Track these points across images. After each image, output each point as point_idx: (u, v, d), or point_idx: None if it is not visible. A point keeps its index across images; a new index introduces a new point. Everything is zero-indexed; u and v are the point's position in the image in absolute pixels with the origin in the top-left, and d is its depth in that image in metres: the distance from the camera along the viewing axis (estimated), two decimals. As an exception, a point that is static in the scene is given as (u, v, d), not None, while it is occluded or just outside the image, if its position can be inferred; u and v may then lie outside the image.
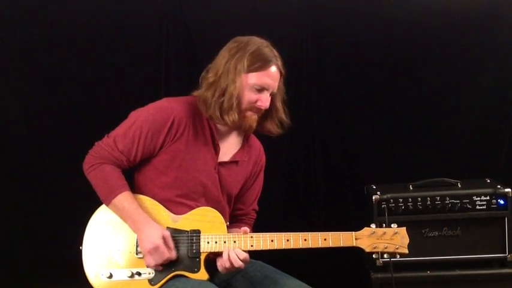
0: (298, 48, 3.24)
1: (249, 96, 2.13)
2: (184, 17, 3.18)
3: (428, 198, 2.76)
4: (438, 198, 2.76)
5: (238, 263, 2.08)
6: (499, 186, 2.77)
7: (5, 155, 3.17)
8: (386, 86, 3.25)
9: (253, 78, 2.12)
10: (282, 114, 2.26)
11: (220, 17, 3.12)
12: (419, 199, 2.77)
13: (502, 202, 2.74)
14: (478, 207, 2.75)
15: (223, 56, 2.17)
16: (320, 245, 2.13)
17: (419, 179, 2.88)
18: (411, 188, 2.84)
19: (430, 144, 3.28)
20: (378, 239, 2.12)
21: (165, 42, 3.18)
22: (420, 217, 2.76)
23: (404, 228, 2.14)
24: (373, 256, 2.17)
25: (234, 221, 2.36)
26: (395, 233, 2.13)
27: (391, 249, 2.13)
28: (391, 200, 2.75)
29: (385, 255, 2.17)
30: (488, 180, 2.91)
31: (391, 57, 3.21)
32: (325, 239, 2.12)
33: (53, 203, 3.18)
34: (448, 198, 2.76)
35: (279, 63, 2.17)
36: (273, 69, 2.15)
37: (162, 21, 3.17)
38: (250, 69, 2.12)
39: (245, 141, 2.33)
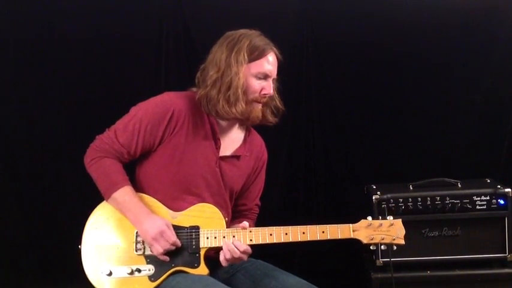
0: (298, 49, 3.24)
1: (253, 85, 2.18)
2: (185, 17, 3.18)
3: (428, 198, 2.76)
4: (438, 198, 2.76)
5: (237, 254, 2.09)
6: (499, 186, 2.77)
7: (5, 154, 3.17)
8: (387, 85, 3.24)
9: (255, 67, 2.18)
10: (277, 102, 2.31)
11: (220, 17, 3.11)
12: (419, 199, 2.76)
13: (502, 202, 2.74)
14: (478, 207, 2.75)
15: (220, 51, 2.20)
16: (318, 238, 2.14)
17: (419, 179, 2.87)
18: (411, 188, 2.84)
19: (430, 144, 3.27)
20: (374, 230, 2.15)
21: (165, 42, 3.17)
22: (420, 217, 2.76)
23: (400, 220, 2.17)
24: (371, 247, 2.18)
25: (237, 216, 2.38)
26: (392, 224, 2.15)
27: (388, 241, 2.15)
28: (391, 200, 2.75)
29: (383, 247, 2.18)
30: (488, 180, 2.91)
31: (391, 57, 3.21)
32: (323, 232, 2.14)
33: (54, 202, 3.17)
34: (448, 198, 2.76)
35: (275, 49, 2.24)
36: (272, 55, 2.22)
37: (162, 21, 3.17)
38: (251, 58, 2.17)
39: (247, 136, 2.34)
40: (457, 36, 3.19)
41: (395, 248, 2.19)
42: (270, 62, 2.20)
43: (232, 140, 2.30)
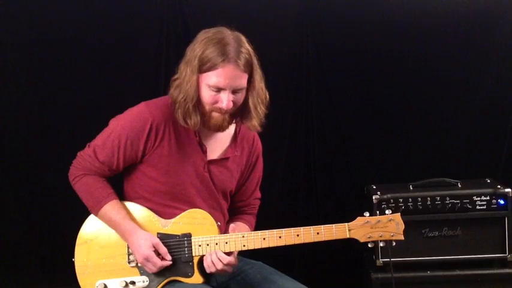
0: (298, 50, 3.24)
1: (207, 97, 2.03)
2: (185, 17, 3.18)
3: (428, 198, 2.77)
4: (438, 198, 2.77)
5: (219, 265, 2.04)
6: (499, 186, 2.78)
7: (5, 154, 3.17)
8: (387, 86, 3.24)
9: (207, 78, 2.01)
10: (260, 113, 2.11)
11: (220, 19, 3.07)
12: (419, 199, 2.77)
13: (502, 202, 2.75)
14: (478, 207, 2.76)
15: (186, 54, 2.08)
16: (313, 239, 2.07)
17: (419, 179, 2.88)
18: (411, 188, 2.84)
19: (430, 144, 3.28)
20: (372, 227, 2.07)
21: (166, 43, 3.17)
22: (420, 217, 2.76)
23: (399, 214, 2.09)
24: (368, 245, 2.11)
25: (236, 213, 2.34)
26: (390, 219, 2.07)
27: (386, 237, 2.08)
28: (391, 200, 2.76)
29: (381, 244, 2.12)
30: (488, 180, 2.91)
31: (391, 58, 3.21)
32: (318, 233, 2.07)
33: (54, 202, 3.17)
34: (448, 198, 2.76)
35: (240, 60, 1.99)
36: (227, 67, 1.98)
37: (163, 22, 3.16)
38: (203, 69, 2.00)
39: (237, 134, 2.24)
40: (457, 37, 3.19)
41: (394, 243, 2.12)
42: (223, 75, 1.98)
43: (220, 142, 2.21)
